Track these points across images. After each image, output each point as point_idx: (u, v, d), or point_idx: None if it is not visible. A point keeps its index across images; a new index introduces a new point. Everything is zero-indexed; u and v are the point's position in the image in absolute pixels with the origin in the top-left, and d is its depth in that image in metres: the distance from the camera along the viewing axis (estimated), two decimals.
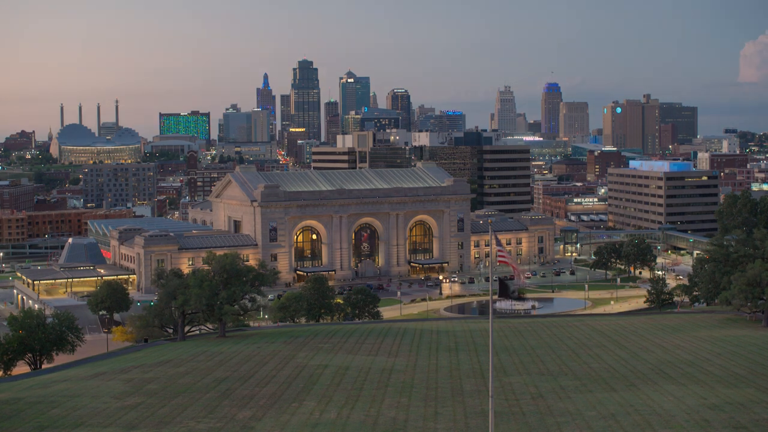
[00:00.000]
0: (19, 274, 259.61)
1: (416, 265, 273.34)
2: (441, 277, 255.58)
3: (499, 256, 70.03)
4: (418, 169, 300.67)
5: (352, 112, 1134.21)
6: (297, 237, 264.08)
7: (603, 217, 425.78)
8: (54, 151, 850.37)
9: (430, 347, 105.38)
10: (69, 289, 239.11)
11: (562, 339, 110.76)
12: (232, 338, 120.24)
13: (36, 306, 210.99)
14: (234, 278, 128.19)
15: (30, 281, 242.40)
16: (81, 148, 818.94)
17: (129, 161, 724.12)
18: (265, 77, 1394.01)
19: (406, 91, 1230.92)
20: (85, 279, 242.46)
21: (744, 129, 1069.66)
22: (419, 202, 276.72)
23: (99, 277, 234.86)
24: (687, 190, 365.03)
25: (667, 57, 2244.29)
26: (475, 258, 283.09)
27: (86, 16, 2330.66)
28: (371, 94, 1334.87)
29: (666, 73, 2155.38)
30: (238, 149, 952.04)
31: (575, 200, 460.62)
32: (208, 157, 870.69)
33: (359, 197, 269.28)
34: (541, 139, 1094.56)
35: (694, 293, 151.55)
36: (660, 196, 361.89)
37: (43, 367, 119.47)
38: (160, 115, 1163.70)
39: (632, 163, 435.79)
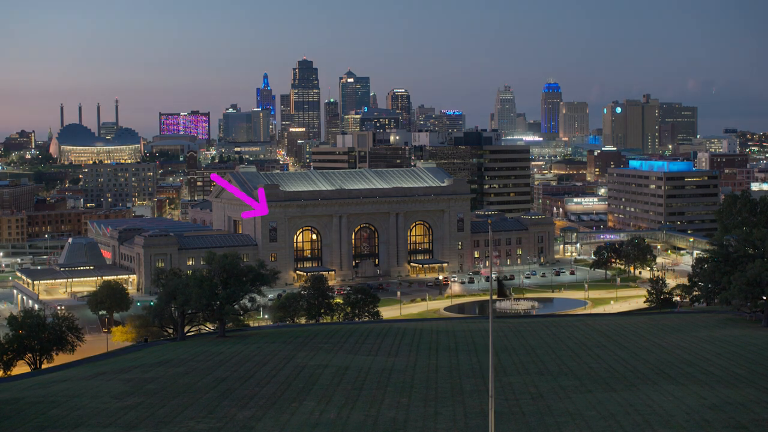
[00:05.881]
0: (19, 274, 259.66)
1: (416, 265, 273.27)
2: (441, 277, 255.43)
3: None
4: (417, 169, 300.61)
5: (352, 112, 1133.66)
6: (297, 237, 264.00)
7: (603, 217, 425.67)
8: (54, 150, 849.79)
9: (430, 347, 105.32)
10: (69, 289, 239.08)
11: (562, 339, 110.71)
12: (232, 338, 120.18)
13: (36, 306, 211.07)
14: (234, 278, 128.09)
15: (30, 281, 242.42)
16: (81, 148, 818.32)
17: (129, 161, 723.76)
18: (265, 77, 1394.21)
19: (406, 91, 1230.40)
20: (85, 279, 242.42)
21: (744, 129, 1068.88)
22: (419, 202, 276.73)
23: (99, 277, 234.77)
24: (687, 190, 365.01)
25: (667, 57, 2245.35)
26: (474, 258, 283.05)
27: (86, 15, 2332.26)
28: (371, 94, 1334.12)
29: (666, 73, 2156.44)
30: (238, 149, 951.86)
31: (575, 200, 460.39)
32: (208, 157, 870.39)
33: (359, 197, 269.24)
34: (541, 139, 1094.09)
35: (694, 293, 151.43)
36: (660, 196, 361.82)
37: (43, 367, 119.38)
38: (160, 115, 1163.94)
39: (632, 163, 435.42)
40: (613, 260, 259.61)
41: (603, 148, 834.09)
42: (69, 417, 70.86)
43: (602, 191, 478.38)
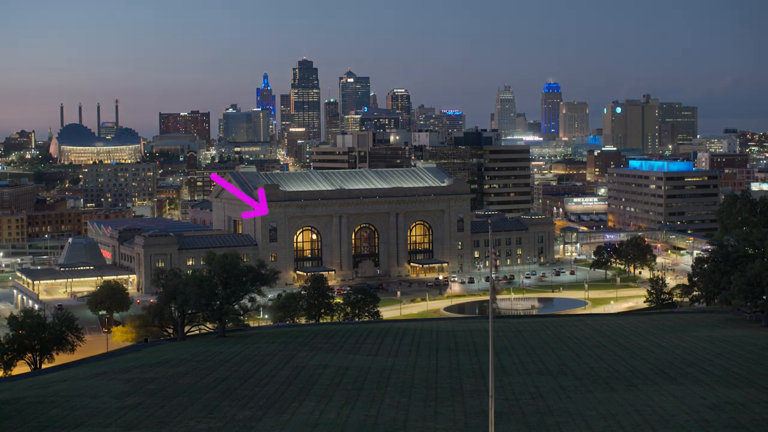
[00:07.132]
0: (19, 274, 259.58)
1: (416, 265, 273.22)
2: (441, 277, 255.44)
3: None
4: (417, 169, 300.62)
5: (352, 112, 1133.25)
6: (297, 237, 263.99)
7: (603, 217, 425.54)
8: (54, 151, 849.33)
9: (430, 347, 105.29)
10: (69, 289, 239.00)
11: (562, 339, 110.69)
12: (232, 338, 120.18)
13: (36, 306, 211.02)
14: (234, 278, 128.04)
15: (30, 281, 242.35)
16: (81, 148, 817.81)
17: (129, 161, 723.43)
18: (265, 77, 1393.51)
19: (406, 91, 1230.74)
20: (85, 279, 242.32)
21: (744, 129, 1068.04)
22: (419, 202, 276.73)
23: (99, 277, 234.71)
24: (687, 190, 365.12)
25: (667, 57, 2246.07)
26: (474, 258, 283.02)
27: (86, 15, 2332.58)
28: (371, 94, 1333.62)
29: (666, 73, 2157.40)
30: (238, 149, 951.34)
31: (575, 200, 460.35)
32: (208, 157, 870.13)
33: (359, 197, 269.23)
34: (541, 139, 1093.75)
35: (694, 293, 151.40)
36: (660, 196, 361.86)
37: (43, 367, 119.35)
38: (160, 115, 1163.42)
39: (632, 163, 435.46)
40: (613, 260, 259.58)
41: (603, 148, 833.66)
42: (69, 417, 70.84)
43: (602, 191, 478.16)
